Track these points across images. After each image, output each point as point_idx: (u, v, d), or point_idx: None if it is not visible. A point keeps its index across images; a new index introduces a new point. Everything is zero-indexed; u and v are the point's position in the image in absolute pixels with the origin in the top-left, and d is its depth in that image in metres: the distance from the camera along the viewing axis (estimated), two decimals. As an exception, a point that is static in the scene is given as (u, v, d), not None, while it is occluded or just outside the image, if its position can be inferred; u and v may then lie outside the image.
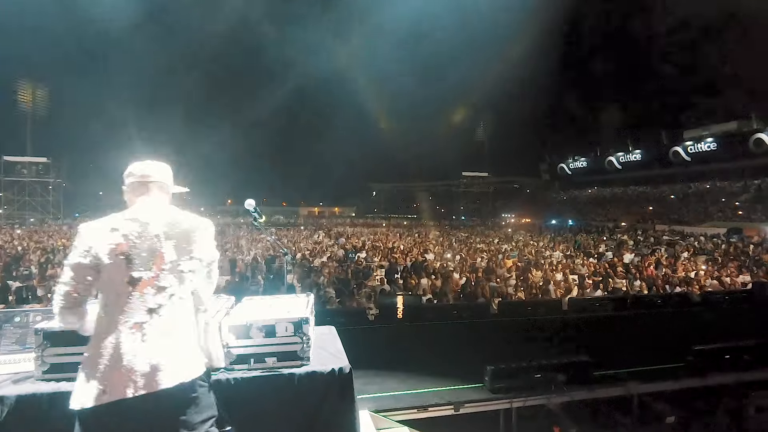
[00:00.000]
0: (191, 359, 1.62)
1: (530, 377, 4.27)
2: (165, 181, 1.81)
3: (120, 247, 1.57)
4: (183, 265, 1.66)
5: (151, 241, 1.62)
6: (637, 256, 13.74)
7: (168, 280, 1.62)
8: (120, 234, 1.59)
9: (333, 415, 2.13)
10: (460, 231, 29.82)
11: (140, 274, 1.58)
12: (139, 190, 1.75)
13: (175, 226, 1.69)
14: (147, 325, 1.55)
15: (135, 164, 1.79)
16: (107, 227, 1.60)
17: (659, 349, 4.96)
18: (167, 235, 1.65)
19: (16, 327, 2.32)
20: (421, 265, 10.90)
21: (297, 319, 2.18)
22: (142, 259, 1.59)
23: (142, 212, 1.68)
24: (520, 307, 6.65)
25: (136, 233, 1.61)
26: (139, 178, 1.76)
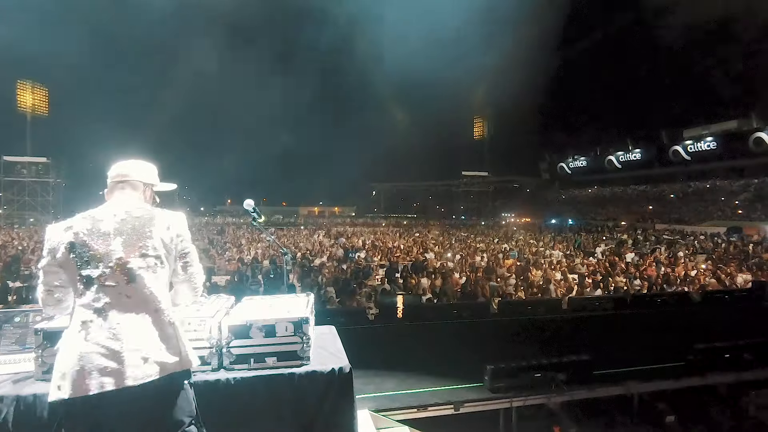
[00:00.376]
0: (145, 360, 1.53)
1: (530, 377, 4.27)
2: (138, 180, 1.77)
3: (71, 246, 1.56)
4: (133, 262, 1.58)
5: (100, 239, 1.59)
6: (637, 255, 13.74)
7: (115, 278, 1.56)
8: (72, 232, 1.58)
9: (333, 415, 2.13)
10: (460, 230, 29.81)
11: (88, 272, 1.55)
12: (112, 189, 1.75)
13: (127, 222, 1.63)
14: (93, 324, 1.51)
15: (114, 165, 1.77)
16: (64, 226, 1.60)
17: (659, 348, 4.96)
18: (117, 232, 1.61)
19: (16, 327, 2.32)
20: (421, 265, 10.91)
21: (297, 318, 2.18)
22: (90, 257, 1.56)
23: (100, 210, 1.66)
24: (520, 307, 6.66)
25: (86, 231, 1.59)
26: (112, 177, 1.75)
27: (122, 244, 1.60)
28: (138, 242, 1.61)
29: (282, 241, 18.43)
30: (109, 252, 1.58)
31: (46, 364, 1.97)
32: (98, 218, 1.62)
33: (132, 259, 1.59)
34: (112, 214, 1.64)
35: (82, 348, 1.48)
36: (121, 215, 1.65)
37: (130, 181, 1.75)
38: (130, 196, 1.74)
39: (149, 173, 1.83)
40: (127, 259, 1.58)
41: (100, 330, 1.51)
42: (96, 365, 1.47)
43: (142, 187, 1.79)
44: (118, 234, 1.60)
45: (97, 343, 1.49)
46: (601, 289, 8.22)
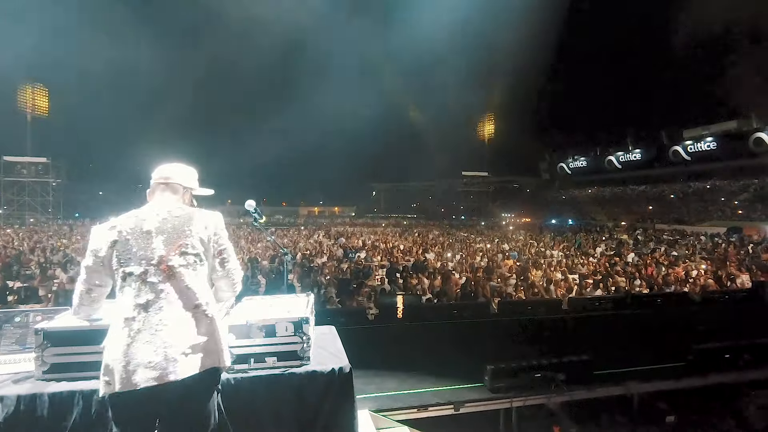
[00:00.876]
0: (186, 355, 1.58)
1: (530, 377, 4.27)
2: (178, 183, 1.85)
3: (114, 243, 1.64)
4: (173, 260, 1.64)
5: (142, 238, 1.65)
6: (637, 256, 13.74)
7: (157, 275, 1.62)
8: (116, 231, 1.65)
9: (333, 415, 2.13)
10: (460, 230, 29.81)
11: (131, 270, 1.61)
12: (154, 190, 1.84)
13: (167, 221, 1.70)
14: (136, 321, 1.56)
15: (157, 167, 1.87)
16: (108, 225, 1.68)
17: (659, 348, 4.96)
18: (159, 230, 1.67)
19: (17, 327, 2.32)
20: (421, 265, 10.90)
21: (297, 318, 2.19)
22: (132, 255, 1.62)
23: (143, 210, 1.74)
24: (520, 307, 6.65)
25: (129, 230, 1.66)
26: (155, 179, 1.85)
27: (163, 242, 1.66)
28: (178, 240, 1.68)
29: (282, 241, 18.42)
30: (151, 250, 1.64)
31: (47, 364, 1.97)
32: (141, 217, 1.70)
33: (173, 256, 1.65)
34: (155, 214, 1.72)
35: (126, 344, 1.54)
36: (162, 215, 1.72)
37: (171, 183, 1.84)
38: (170, 197, 1.82)
39: (190, 177, 1.92)
40: (168, 257, 1.65)
41: (143, 326, 1.56)
42: (140, 361, 1.52)
43: (182, 190, 1.87)
44: (159, 233, 1.67)
45: (140, 339, 1.55)
46: (601, 289, 8.22)
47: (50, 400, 1.86)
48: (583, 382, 4.40)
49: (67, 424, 1.87)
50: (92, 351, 1.99)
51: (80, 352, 1.99)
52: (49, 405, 1.85)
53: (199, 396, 1.63)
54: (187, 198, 1.89)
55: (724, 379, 4.75)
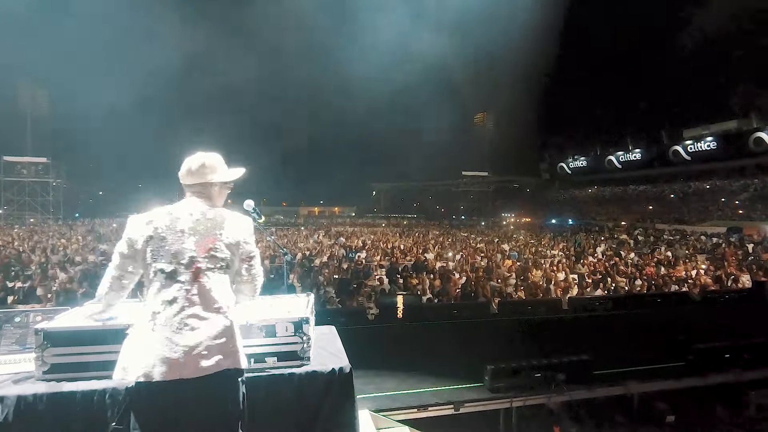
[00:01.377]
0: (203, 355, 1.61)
1: (530, 377, 4.27)
2: (206, 180, 1.83)
3: (150, 239, 1.68)
4: (203, 262, 1.69)
5: (176, 236, 1.69)
6: (637, 256, 13.74)
7: (185, 275, 1.65)
8: (153, 226, 1.70)
9: (333, 415, 2.13)
10: (460, 230, 29.82)
11: (162, 266, 1.65)
12: (188, 188, 1.85)
13: (201, 223, 1.74)
14: (161, 316, 1.61)
15: (186, 162, 1.84)
16: (146, 219, 1.72)
17: (659, 348, 4.97)
18: (192, 231, 1.71)
19: (17, 327, 2.32)
20: (422, 265, 10.91)
21: (297, 318, 2.19)
22: (165, 252, 1.67)
23: (178, 207, 1.77)
24: (521, 307, 6.66)
25: (165, 227, 1.70)
26: (181, 180, 1.84)
27: (195, 243, 1.70)
28: (209, 243, 1.72)
29: (282, 241, 18.42)
30: (182, 249, 1.68)
31: (47, 364, 1.97)
32: (176, 216, 1.73)
33: (202, 258, 1.69)
34: (189, 213, 1.75)
35: (149, 337, 1.59)
36: (196, 215, 1.76)
37: (201, 183, 1.83)
38: (206, 195, 1.84)
39: (219, 170, 1.88)
40: (198, 258, 1.69)
41: (166, 322, 1.61)
42: (159, 354, 1.56)
43: (211, 186, 1.86)
44: (192, 233, 1.71)
45: (163, 334, 1.59)
46: (601, 289, 8.22)
47: (50, 401, 1.86)
48: (583, 382, 4.40)
49: (67, 425, 1.87)
50: (92, 351, 2.00)
51: (80, 353, 1.99)
52: (49, 405, 1.85)
53: (216, 395, 1.64)
54: (224, 193, 1.92)
55: (724, 379, 4.75)
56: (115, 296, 1.82)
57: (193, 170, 1.82)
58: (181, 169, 1.85)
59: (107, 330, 2.00)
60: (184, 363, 1.57)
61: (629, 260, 12.57)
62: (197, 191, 1.82)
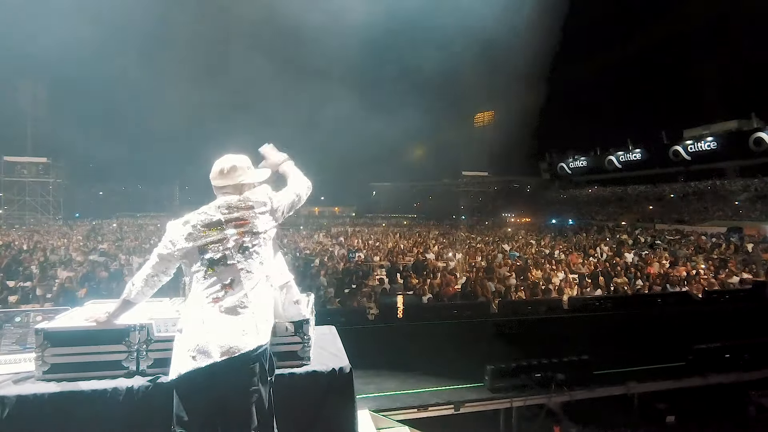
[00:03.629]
0: (266, 327, 1.80)
1: (530, 377, 4.27)
2: (237, 182, 1.96)
3: (190, 236, 1.81)
4: (247, 241, 1.84)
5: (216, 228, 1.83)
6: (637, 256, 13.73)
7: (236, 257, 1.80)
8: (190, 225, 1.83)
9: (333, 415, 2.13)
10: (461, 230, 29.80)
11: (210, 255, 1.79)
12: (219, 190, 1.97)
13: (233, 210, 1.88)
14: (224, 299, 1.73)
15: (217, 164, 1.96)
16: (183, 221, 1.86)
17: (659, 348, 4.97)
18: (227, 220, 1.85)
19: (17, 327, 2.32)
20: (422, 265, 10.90)
21: (297, 319, 2.19)
22: (209, 242, 1.80)
23: (211, 206, 1.90)
24: (521, 307, 6.65)
25: (202, 223, 1.84)
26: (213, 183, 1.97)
27: (234, 227, 1.84)
28: (246, 225, 1.86)
29: (282, 241, 18.42)
30: (225, 236, 1.82)
31: (47, 364, 1.97)
32: (210, 213, 1.86)
33: (246, 239, 1.84)
34: (217, 207, 1.88)
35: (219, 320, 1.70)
36: (225, 207, 1.88)
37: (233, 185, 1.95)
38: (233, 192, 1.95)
39: (247, 171, 2.01)
40: (242, 239, 1.83)
41: (231, 303, 1.74)
42: (235, 330, 1.70)
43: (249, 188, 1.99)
44: (228, 222, 1.85)
45: (230, 313, 1.72)
46: (601, 289, 8.22)
47: (50, 401, 1.86)
48: (583, 382, 4.40)
49: (67, 425, 1.87)
50: (92, 351, 2.00)
51: (80, 353, 1.99)
52: (50, 405, 1.85)
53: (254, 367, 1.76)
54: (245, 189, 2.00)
55: (724, 379, 4.75)
56: (143, 295, 1.91)
57: (225, 172, 1.94)
58: (212, 172, 1.96)
59: (107, 330, 2.00)
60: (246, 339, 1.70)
61: (629, 260, 12.57)
62: (228, 192, 1.94)
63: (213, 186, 1.98)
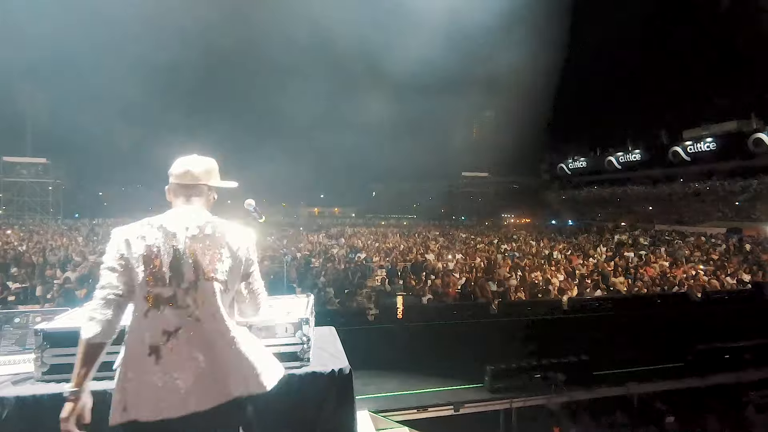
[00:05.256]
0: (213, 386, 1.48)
1: (530, 377, 4.27)
2: (204, 183, 1.67)
3: (143, 258, 1.47)
4: (205, 284, 1.51)
5: (173, 255, 1.50)
6: (637, 256, 13.74)
7: (187, 300, 1.48)
8: (145, 244, 1.48)
9: (333, 416, 2.13)
10: (460, 231, 29.81)
11: (159, 291, 1.46)
12: (177, 192, 1.65)
13: (200, 240, 1.55)
14: (164, 348, 1.44)
15: (177, 162, 1.68)
16: (136, 233, 1.50)
17: (659, 348, 4.97)
18: (191, 250, 1.52)
19: (16, 328, 2.32)
20: (421, 266, 10.91)
21: (297, 319, 2.19)
22: (161, 274, 1.47)
23: (171, 220, 1.56)
24: (520, 308, 6.66)
25: (159, 244, 1.50)
26: (176, 179, 1.65)
27: (194, 264, 1.51)
28: (210, 264, 1.53)
29: (282, 241, 18.42)
30: (181, 271, 1.49)
31: (46, 365, 1.97)
32: (170, 230, 1.53)
33: (204, 281, 1.51)
34: (184, 228, 1.55)
35: (153, 371, 1.42)
36: (192, 230, 1.55)
37: (198, 185, 1.66)
38: (196, 202, 1.65)
39: (215, 174, 1.73)
40: (200, 281, 1.50)
41: (171, 355, 1.44)
42: (171, 388, 1.42)
43: (207, 191, 1.69)
44: (191, 253, 1.52)
45: (169, 366, 1.43)
46: (600, 290, 8.22)
47: (50, 402, 1.85)
48: (583, 383, 4.40)
49: (66, 425, 1.86)
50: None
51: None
52: (49, 406, 1.85)
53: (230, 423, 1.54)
54: (212, 198, 1.73)
55: (724, 379, 4.75)
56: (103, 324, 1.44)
57: (191, 170, 1.65)
58: (175, 167, 1.66)
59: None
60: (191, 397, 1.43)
61: (629, 261, 12.57)
62: (190, 195, 1.64)
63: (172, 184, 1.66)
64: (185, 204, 1.63)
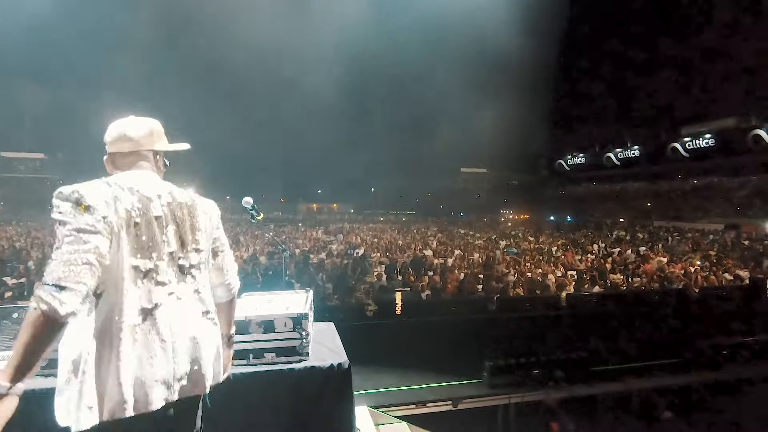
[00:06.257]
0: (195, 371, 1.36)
1: (529, 373, 4.29)
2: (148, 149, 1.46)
3: (123, 224, 1.25)
4: (184, 258, 1.38)
5: (152, 224, 1.31)
6: (635, 252, 13.77)
7: (167, 274, 1.32)
8: (122, 207, 1.26)
9: (331, 411, 2.13)
10: (459, 227, 29.83)
11: (137, 263, 1.26)
12: (117, 162, 1.43)
13: (177, 208, 1.40)
14: (140, 329, 1.25)
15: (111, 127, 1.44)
16: (109, 193, 1.26)
17: (657, 344, 4.99)
18: (168, 219, 1.36)
19: (14, 323, 2.31)
20: (420, 261, 10.91)
21: (296, 314, 2.18)
22: (141, 244, 1.27)
23: (143, 184, 1.36)
24: (519, 303, 6.66)
25: (138, 210, 1.29)
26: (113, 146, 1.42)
27: (175, 234, 1.37)
28: (190, 234, 1.41)
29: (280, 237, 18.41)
30: (161, 242, 1.32)
31: (45, 360, 1.95)
32: (146, 195, 1.33)
33: (184, 254, 1.38)
34: (156, 195, 1.36)
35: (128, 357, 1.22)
36: (165, 197, 1.39)
37: (141, 152, 1.44)
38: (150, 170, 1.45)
39: (160, 138, 1.52)
40: (180, 254, 1.37)
41: (148, 336, 1.26)
42: (150, 376, 1.24)
43: (154, 158, 1.48)
44: (169, 221, 1.36)
45: (148, 349, 1.25)
46: (599, 286, 8.24)
47: (47, 396, 1.85)
48: (581, 379, 4.42)
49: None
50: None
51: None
52: (47, 400, 1.84)
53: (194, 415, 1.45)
54: (161, 166, 1.53)
55: (722, 376, 4.78)
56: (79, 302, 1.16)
57: (129, 134, 1.42)
58: (110, 133, 1.42)
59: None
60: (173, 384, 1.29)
61: (627, 257, 12.61)
62: (134, 164, 1.41)
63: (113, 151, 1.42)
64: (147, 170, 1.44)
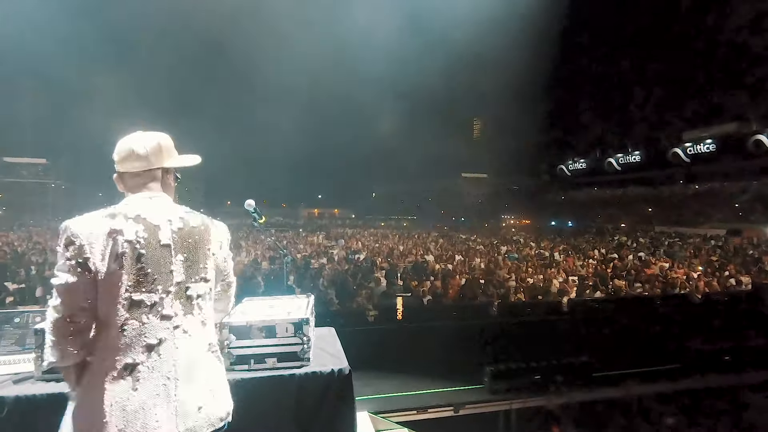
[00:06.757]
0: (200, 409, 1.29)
1: (530, 378, 4.27)
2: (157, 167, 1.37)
3: (121, 258, 1.20)
4: (192, 288, 1.32)
5: (159, 253, 1.26)
6: (636, 258, 13.74)
7: (174, 307, 1.27)
8: (124, 239, 1.21)
9: (332, 416, 2.13)
10: (460, 232, 29.82)
11: (141, 297, 1.22)
12: (127, 181, 1.36)
13: (187, 235, 1.32)
14: (143, 366, 1.20)
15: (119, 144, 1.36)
16: (105, 228, 1.21)
17: (658, 350, 4.97)
18: (178, 246, 1.30)
19: (16, 328, 2.32)
20: (421, 267, 10.90)
21: (297, 320, 2.19)
22: (143, 276, 1.22)
23: (151, 211, 1.30)
24: (520, 309, 6.66)
25: (144, 240, 1.24)
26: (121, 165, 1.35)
27: (183, 263, 1.30)
28: (200, 263, 1.34)
29: (281, 242, 18.41)
30: (168, 272, 1.27)
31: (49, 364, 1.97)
32: (153, 222, 1.27)
33: (192, 284, 1.32)
34: (166, 219, 1.30)
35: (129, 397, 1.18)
36: (176, 222, 1.32)
37: (151, 171, 1.36)
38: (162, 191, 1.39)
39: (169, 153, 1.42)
40: (188, 285, 1.31)
41: (152, 374, 1.21)
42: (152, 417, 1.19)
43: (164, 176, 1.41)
44: (179, 250, 1.30)
45: (149, 389, 1.20)
46: (600, 291, 8.22)
47: (50, 401, 1.86)
48: (583, 384, 4.40)
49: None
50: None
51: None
52: (49, 405, 1.85)
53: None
54: (171, 182, 1.45)
55: (724, 381, 4.76)
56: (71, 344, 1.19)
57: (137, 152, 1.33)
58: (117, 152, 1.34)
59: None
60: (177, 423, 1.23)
61: (628, 262, 12.58)
62: (144, 183, 1.34)
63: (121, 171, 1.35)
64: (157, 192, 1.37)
